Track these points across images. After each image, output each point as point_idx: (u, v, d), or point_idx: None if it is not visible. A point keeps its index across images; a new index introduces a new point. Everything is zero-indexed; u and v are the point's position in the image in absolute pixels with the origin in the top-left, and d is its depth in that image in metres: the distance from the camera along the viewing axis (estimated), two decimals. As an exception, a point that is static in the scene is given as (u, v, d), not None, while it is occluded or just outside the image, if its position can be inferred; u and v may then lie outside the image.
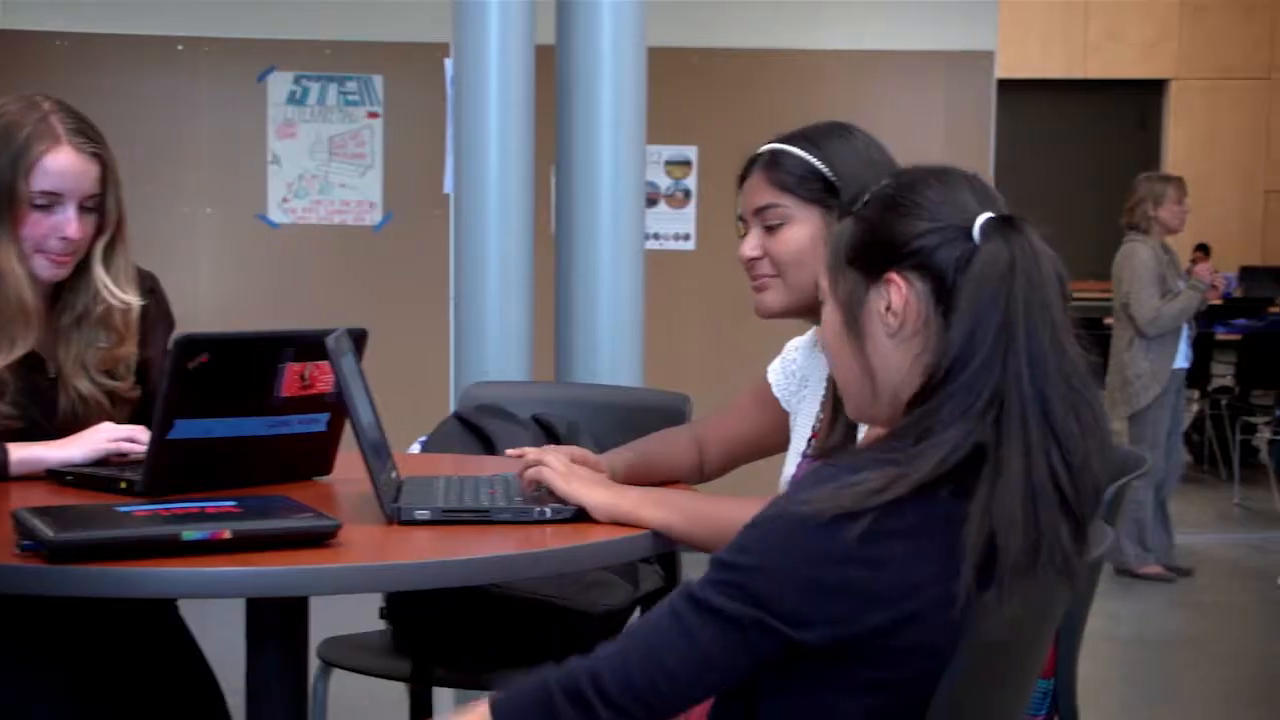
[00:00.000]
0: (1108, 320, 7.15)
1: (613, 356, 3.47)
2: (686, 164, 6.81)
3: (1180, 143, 17.15)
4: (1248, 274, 15.45)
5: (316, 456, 2.40)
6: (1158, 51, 17.06)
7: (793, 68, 6.83)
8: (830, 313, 1.66)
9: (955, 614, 1.43)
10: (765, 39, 6.82)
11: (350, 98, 6.68)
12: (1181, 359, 6.54)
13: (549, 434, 2.91)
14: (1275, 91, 17.16)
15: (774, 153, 2.21)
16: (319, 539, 1.88)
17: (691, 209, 6.84)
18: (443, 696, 3.18)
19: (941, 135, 6.80)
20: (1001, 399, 1.47)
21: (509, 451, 2.40)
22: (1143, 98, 17.27)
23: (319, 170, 6.68)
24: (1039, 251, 1.56)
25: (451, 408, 3.42)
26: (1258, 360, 8.68)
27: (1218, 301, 11.16)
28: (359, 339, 2.27)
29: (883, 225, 1.61)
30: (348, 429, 2.17)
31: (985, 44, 6.86)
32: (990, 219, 1.58)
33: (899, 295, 1.58)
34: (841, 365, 1.66)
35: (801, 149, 2.19)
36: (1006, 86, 7.83)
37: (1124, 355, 6.47)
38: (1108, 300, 6.91)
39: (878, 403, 1.62)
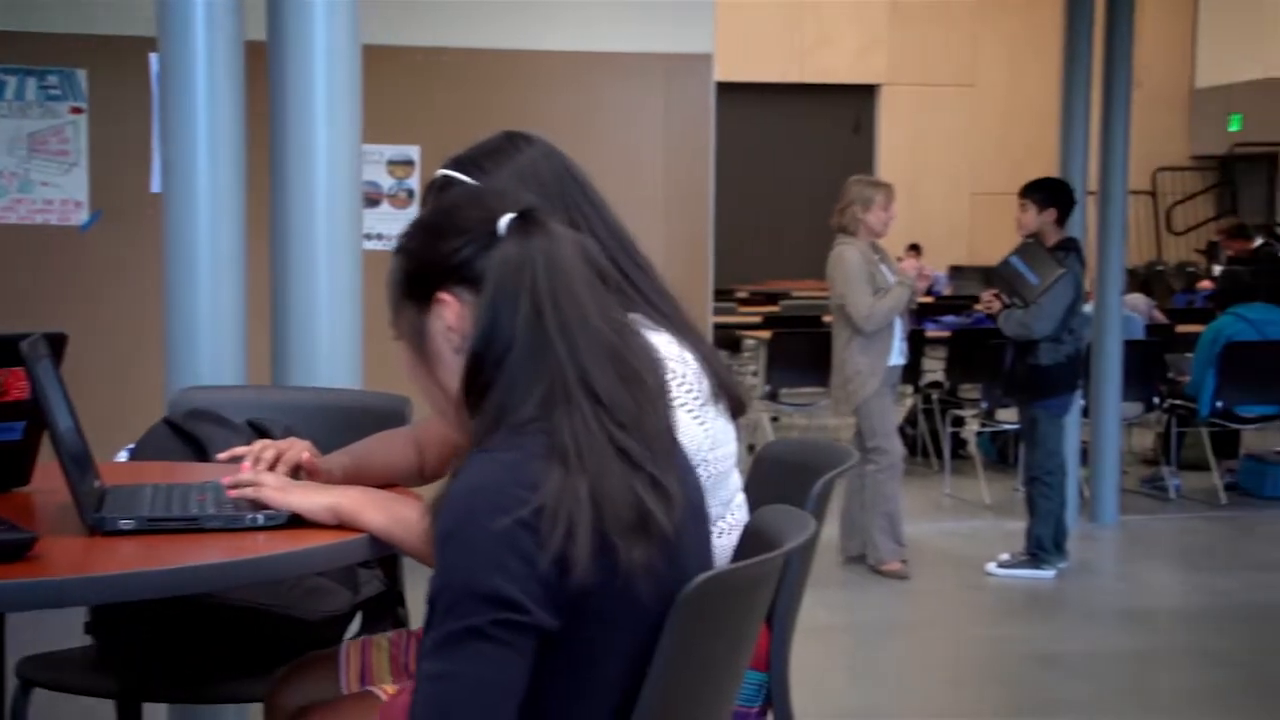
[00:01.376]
0: (826, 318, 7.33)
1: (331, 359, 3.40)
2: (409, 164, 6.75)
3: (892, 146, 17.79)
4: (956, 273, 16.12)
5: (12, 466, 2.30)
6: (869, 57, 17.66)
7: (516, 68, 6.84)
8: (403, 350, 1.72)
9: (608, 580, 1.49)
10: (488, 39, 6.81)
11: (51, 92, 6.40)
12: (896, 355, 6.76)
13: (264, 438, 2.84)
14: (978, 98, 17.95)
15: (445, 179, 2.25)
16: (14, 552, 1.79)
17: (415, 209, 6.77)
18: (155, 712, 3.07)
19: (661, 136, 6.90)
20: (551, 380, 1.56)
21: (219, 456, 2.33)
22: (856, 102, 17.85)
23: (19, 168, 6.38)
24: (559, 239, 1.63)
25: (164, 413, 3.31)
26: (966, 356, 9.05)
27: (928, 299, 11.62)
28: (57, 343, 2.18)
29: (424, 251, 1.68)
30: (47, 437, 2.08)
31: (703, 47, 6.99)
32: (512, 219, 1.64)
33: (452, 312, 1.65)
34: (429, 395, 1.73)
35: (468, 175, 2.23)
36: (726, 89, 7.99)
37: (843, 354, 6.66)
38: (826, 299, 7.11)
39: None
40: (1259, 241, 13.61)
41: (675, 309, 2.18)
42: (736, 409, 2.20)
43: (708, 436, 2.10)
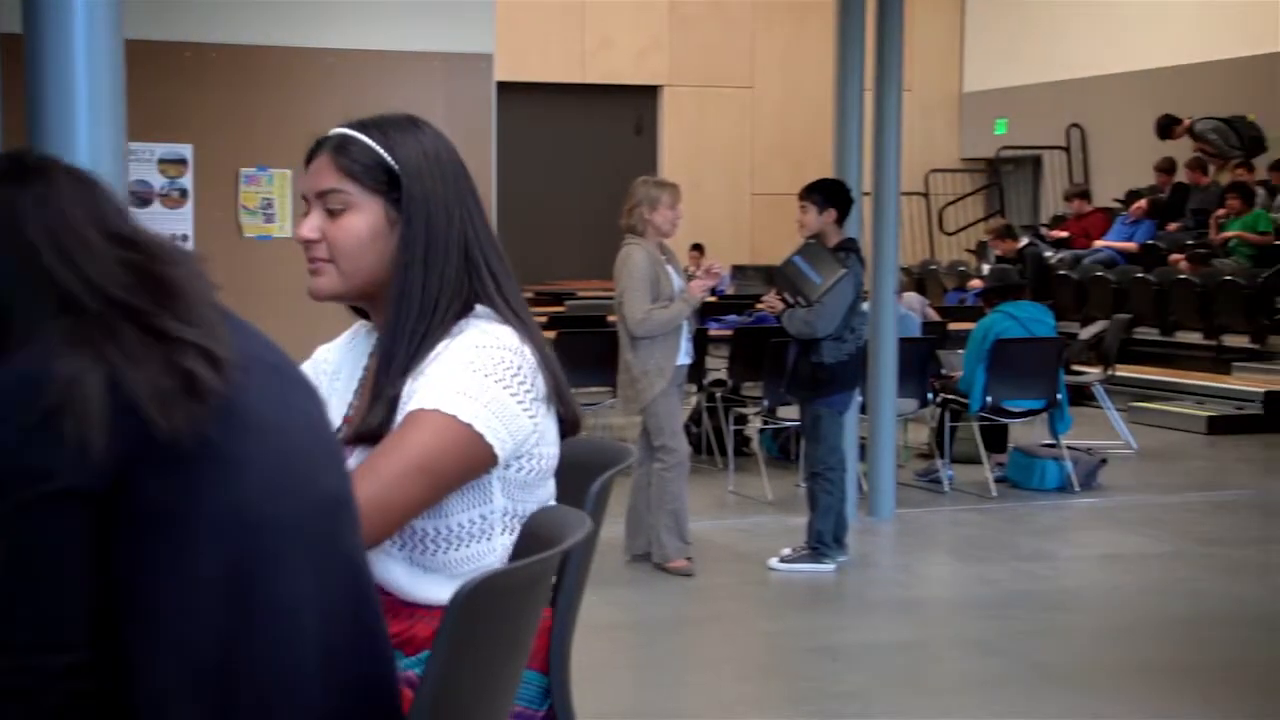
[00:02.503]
0: (612, 318, 7.36)
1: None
2: (182, 162, 6.56)
3: (674, 147, 17.96)
4: (739, 272, 16.35)
5: None
6: (650, 59, 17.81)
7: (292, 65, 6.72)
8: None
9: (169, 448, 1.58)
10: (263, 35, 6.68)
11: None
12: (683, 355, 6.82)
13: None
14: (758, 100, 18.24)
15: (343, 138, 2.21)
16: None
17: (189, 208, 6.60)
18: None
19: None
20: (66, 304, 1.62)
21: None
22: (639, 103, 17.99)
23: None
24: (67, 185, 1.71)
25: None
26: (748, 354, 9.17)
27: (712, 299, 11.76)
28: None
29: None
30: None
31: (483, 46, 6.96)
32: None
33: None
34: None
35: (371, 138, 2.20)
36: (509, 89, 7.97)
37: (629, 354, 6.69)
38: (612, 299, 7.13)
39: None
40: (1025, 241, 14.11)
41: (527, 313, 2.21)
42: (570, 426, 2.21)
43: (535, 430, 2.11)
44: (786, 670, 5.55)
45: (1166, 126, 14.15)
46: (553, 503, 2.17)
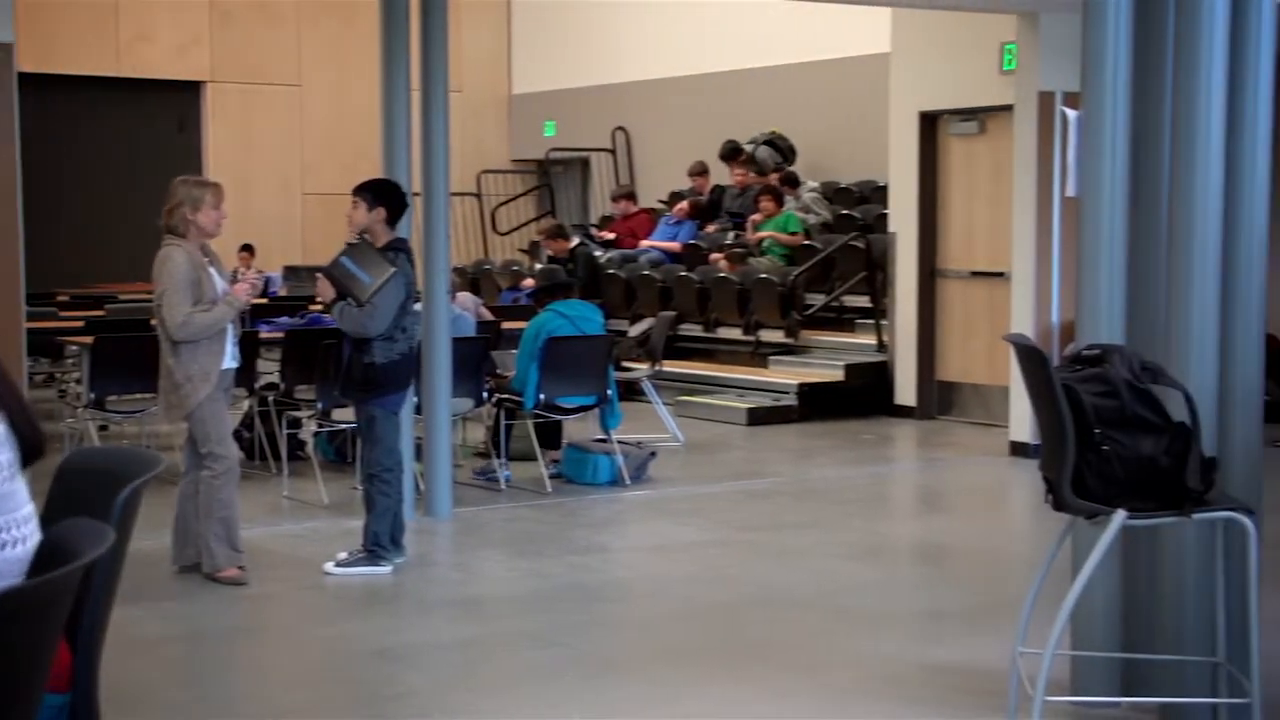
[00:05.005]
0: (155, 322, 7.08)
1: None
2: None
3: (220, 144, 17.46)
4: (291, 273, 16.04)
5: None
6: (191, 54, 17.27)
7: None
8: None
9: None
10: None
11: None
12: (229, 359, 6.63)
13: None
14: (307, 99, 17.95)
15: None
16: None
17: None
18: None
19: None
20: None
21: None
22: (181, 99, 17.39)
23: None
24: None
25: None
26: (301, 356, 9.00)
27: (262, 300, 11.48)
28: None
29: None
30: None
31: (2, 36, 6.54)
32: None
33: None
34: None
35: None
36: (38, 82, 7.53)
37: (170, 360, 6.45)
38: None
39: None
40: (576, 241, 14.44)
41: None
42: (31, 451, 2.07)
43: None
44: (342, 675, 5.48)
45: (732, 154, 14.79)
46: (30, 509, 2.04)
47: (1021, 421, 10.00)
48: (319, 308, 10.84)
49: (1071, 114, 5.15)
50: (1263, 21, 4.57)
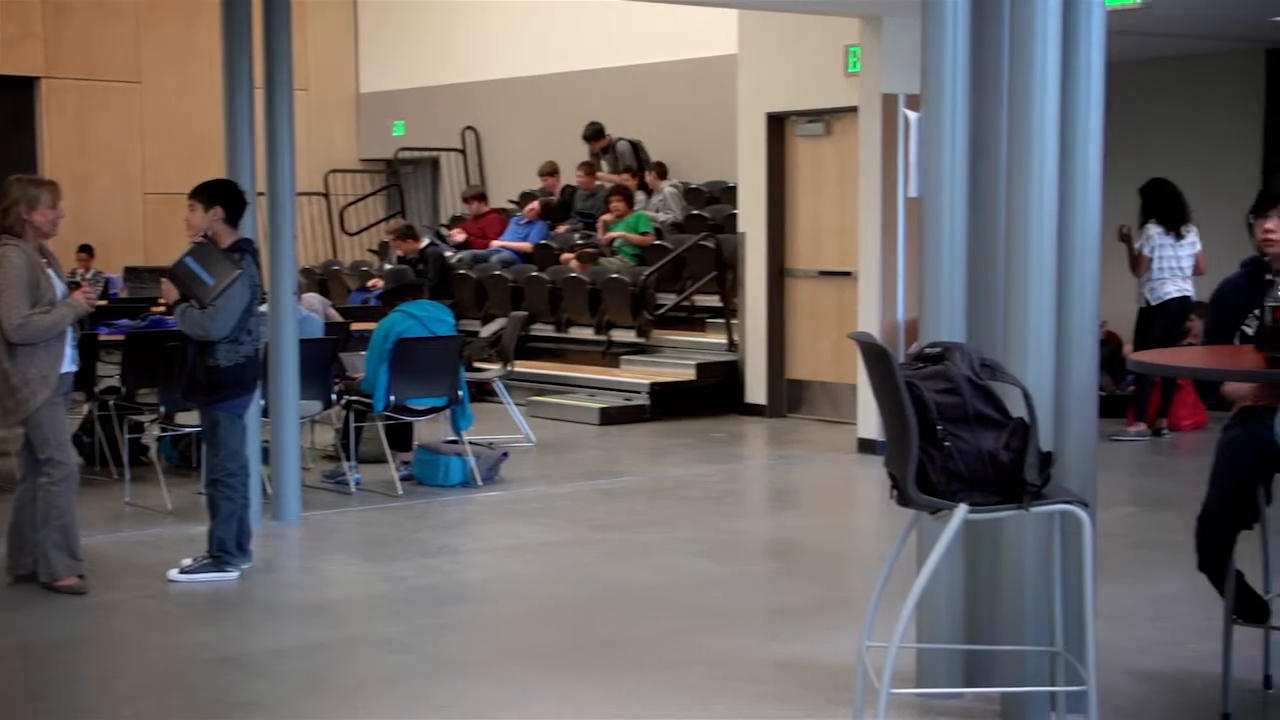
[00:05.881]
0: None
1: None
2: None
3: (56, 142, 17.04)
4: (132, 274, 15.69)
5: None
6: (23, 49, 16.81)
7: None
8: None
9: None
10: None
11: None
12: (69, 363, 6.48)
13: None
14: (147, 97, 17.58)
15: None
16: None
17: None
18: None
19: None
20: None
21: None
22: (13, 95, 16.93)
23: None
24: None
25: None
26: (143, 360, 8.82)
27: (103, 303, 11.23)
28: None
29: None
30: None
31: None
32: None
33: None
34: None
35: None
36: None
37: (6, 363, 6.28)
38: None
39: None
40: (426, 242, 14.35)
41: None
42: None
43: None
44: (186, 683, 5.37)
45: (595, 135, 14.84)
46: None
47: (869, 419, 10.15)
48: (161, 309, 10.64)
49: (913, 116, 5.25)
50: (1093, 24, 4.70)
